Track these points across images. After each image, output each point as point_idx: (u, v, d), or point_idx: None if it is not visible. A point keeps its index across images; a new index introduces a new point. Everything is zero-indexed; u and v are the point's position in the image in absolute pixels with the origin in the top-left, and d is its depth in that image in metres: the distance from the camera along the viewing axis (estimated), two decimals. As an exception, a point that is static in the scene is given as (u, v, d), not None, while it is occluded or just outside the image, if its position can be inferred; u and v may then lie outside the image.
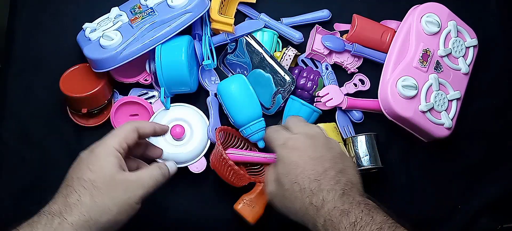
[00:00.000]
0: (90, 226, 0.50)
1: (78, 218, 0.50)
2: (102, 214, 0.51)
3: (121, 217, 0.53)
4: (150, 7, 0.78)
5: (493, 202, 0.80)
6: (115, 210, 0.52)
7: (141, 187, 0.55)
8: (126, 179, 0.54)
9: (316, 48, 0.82)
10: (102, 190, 0.52)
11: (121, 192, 0.53)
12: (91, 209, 0.51)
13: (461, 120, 0.79)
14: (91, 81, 0.76)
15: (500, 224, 0.79)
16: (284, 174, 0.59)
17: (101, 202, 0.51)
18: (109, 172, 0.53)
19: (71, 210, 0.50)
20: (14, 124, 0.80)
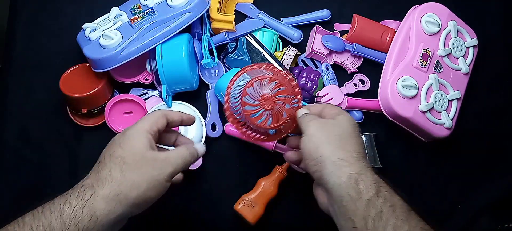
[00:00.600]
0: (120, 200, 0.52)
1: (109, 191, 0.51)
2: (132, 188, 0.52)
3: (150, 193, 0.54)
4: (150, 7, 0.78)
5: (493, 202, 0.80)
6: (144, 186, 0.53)
7: (169, 165, 0.55)
8: (155, 156, 0.55)
9: (316, 48, 0.82)
10: (131, 165, 0.53)
11: (150, 168, 0.54)
12: (121, 183, 0.52)
13: (461, 120, 0.79)
14: (91, 81, 0.76)
15: (500, 224, 0.79)
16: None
17: (130, 177, 0.53)
18: (139, 149, 0.54)
19: (103, 184, 0.52)
20: (14, 124, 0.80)
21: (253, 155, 0.79)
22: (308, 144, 0.59)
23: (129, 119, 0.79)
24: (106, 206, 0.51)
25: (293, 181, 0.78)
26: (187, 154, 0.59)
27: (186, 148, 0.60)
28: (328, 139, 0.58)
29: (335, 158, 0.56)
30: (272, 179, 0.75)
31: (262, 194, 0.74)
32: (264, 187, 0.74)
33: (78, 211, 0.50)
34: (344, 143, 0.58)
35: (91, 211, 0.50)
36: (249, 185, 0.75)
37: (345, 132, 0.59)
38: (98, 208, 0.50)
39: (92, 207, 0.50)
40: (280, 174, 0.75)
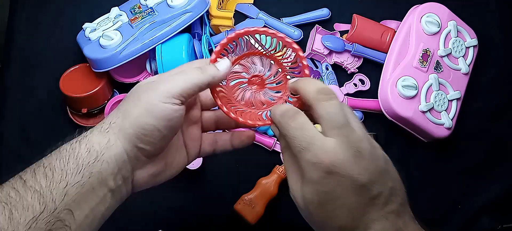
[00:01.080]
0: (115, 132, 0.44)
1: (105, 124, 0.45)
2: (124, 117, 0.45)
3: (147, 120, 0.44)
4: (150, 7, 0.78)
5: (493, 201, 0.80)
6: (136, 112, 0.44)
7: (169, 82, 0.45)
8: (155, 83, 0.45)
9: (316, 48, 0.82)
10: (129, 97, 0.46)
11: (145, 94, 0.45)
12: (115, 115, 0.45)
13: (461, 120, 0.79)
14: (91, 81, 0.76)
15: (500, 223, 0.79)
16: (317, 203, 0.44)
17: (123, 107, 0.45)
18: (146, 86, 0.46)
19: (101, 123, 0.46)
20: (14, 124, 0.80)
21: (253, 155, 0.79)
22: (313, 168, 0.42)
23: (129, 118, 0.78)
24: (102, 139, 0.44)
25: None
26: (197, 71, 0.46)
27: (196, 68, 0.46)
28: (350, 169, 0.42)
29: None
30: (272, 179, 0.75)
31: (262, 194, 0.74)
32: (264, 187, 0.74)
33: (76, 147, 0.44)
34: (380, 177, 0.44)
35: (88, 145, 0.44)
36: (249, 185, 0.75)
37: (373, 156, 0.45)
38: (97, 142, 0.44)
39: (88, 141, 0.44)
40: (280, 174, 0.75)
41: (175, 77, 0.46)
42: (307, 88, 0.45)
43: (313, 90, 0.44)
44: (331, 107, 0.43)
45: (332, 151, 0.41)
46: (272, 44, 0.51)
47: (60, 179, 0.43)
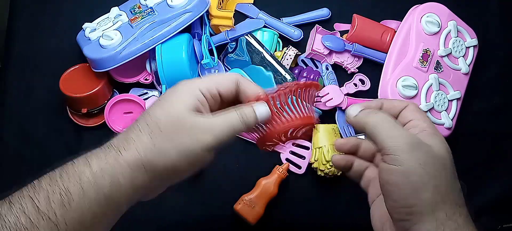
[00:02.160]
0: (145, 168, 0.43)
1: (133, 156, 0.42)
2: (159, 156, 0.43)
3: (181, 165, 0.43)
4: (150, 7, 0.78)
5: (493, 202, 0.80)
6: (173, 155, 0.43)
7: (210, 133, 0.43)
8: (195, 122, 0.44)
9: (316, 48, 0.82)
10: (164, 131, 0.43)
11: (186, 137, 0.43)
12: (147, 149, 0.43)
13: (461, 120, 0.79)
14: (91, 81, 0.76)
15: (500, 224, 0.79)
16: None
17: (160, 145, 0.43)
18: (179, 112, 0.44)
19: (129, 146, 0.43)
20: (14, 124, 0.80)
21: (253, 155, 0.79)
22: (404, 181, 0.41)
23: (129, 119, 0.79)
24: (130, 173, 0.42)
25: (293, 181, 0.78)
26: (237, 120, 0.45)
27: (239, 113, 0.45)
28: (435, 183, 0.41)
29: (442, 215, 0.40)
30: (272, 179, 0.75)
31: (262, 194, 0.74)
32: (264, 187, 0.74)
33: (99, 176, 0.41)
34: (452, 192, 0.43)
35: (113, 177, 0.42)
36: (249, 185, 0.75)
37: (451, 172, 0.44)
38: (121, 173, 0.42)
39: (114, 172, 0.42)
40: (280, 174, 0.75)
41: (221, 128, 0.45)
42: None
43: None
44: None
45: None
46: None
47: (77, 207, 0.41)
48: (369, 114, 0.46)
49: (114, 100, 0.77)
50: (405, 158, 0.41)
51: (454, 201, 0.42)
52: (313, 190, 0.78)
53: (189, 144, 0.43)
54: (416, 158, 0.41)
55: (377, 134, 0.43)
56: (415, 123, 0.46)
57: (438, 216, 0.40)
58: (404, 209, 0.41)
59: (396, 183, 0.41)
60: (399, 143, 0.42)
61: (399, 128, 0.44)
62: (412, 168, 0.41)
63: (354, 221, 0.72)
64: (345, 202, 0.80)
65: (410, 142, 0.42)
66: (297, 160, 0.79)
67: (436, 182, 0.41)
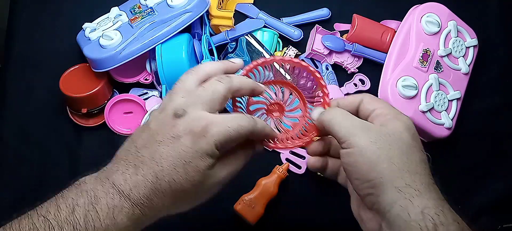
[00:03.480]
0: (160, 207, 0.44)
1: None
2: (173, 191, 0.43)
3: (195, 199, 0.46)
4: (149, 7, 0.78)
5: (493, 202, 0.80)
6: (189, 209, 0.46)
7: (221, 186, 0.47)
8: (212, 184, 0.46)
9: (316, 48, 0.82)
10: (188, 195, 0.45)
11: (203, 195, 0.47)
12: (169, 209, 0.46)
13: (461, 120, 0.79)
14: (91, 81, 0.76)
15: (500, 224, 0.79)
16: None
17: (180, 204, 0.46)
18: (202, 178, 0.45)
19: (152, 204, 0.44)
20: (14, 124, 0.80)
21: (253, 155, 0.79)
22: (360, 160, 0.44)
23: (129, 119, 0.79)
24: (133, 210, 0.43)
25: (293, 181, 0.78)
26: (245, 120, 0.45)
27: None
28: (388, 155, 0.44)
29: (400, 183, 0.43)
30: (272, 179, 0.75)
31: (262, 194, 0.74)
32: (264, 187, 0.74)
33: (103, 217, 0.41)
34: (409, 162, 0.45)
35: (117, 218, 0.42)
36: (249, 185, 0.75)
37: (406, 145, 0.46)
38: (125, 214, 0.42)
39: (116, 214, 0.42)
40: (280, 174, 0.75)
41: (228, 172, 0.48)
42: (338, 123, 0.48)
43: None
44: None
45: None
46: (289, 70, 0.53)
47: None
48: (325, 113, 0.50)
49: (114, 100, 0.77)
50: (358, 140, 0.45)
51: (414, 170, 0.44)
52: (313, 190, 0.78)
53: (204, 199, 0.48)
54: (366, 137, 0.45)
55: (332, 127, 0.47)
56: (379, 111, 0.49)
57: (397, 184, 0.43)
58: (366, 184, 0.44)
59: (354, 163, 0.45)
60: (350, 128, 0.46)
61: (349, 117, 0.48)
62: (365, 145, 0.44)
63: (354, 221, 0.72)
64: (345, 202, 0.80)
65: (359, 126, 0.46)
66: (297, 160, 0.79)
67: (389, 154, 0.44)
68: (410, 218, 0.42)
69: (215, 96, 0.46)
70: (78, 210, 0.40)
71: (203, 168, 0.44)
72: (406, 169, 0.44)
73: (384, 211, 0.44)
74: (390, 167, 0.44)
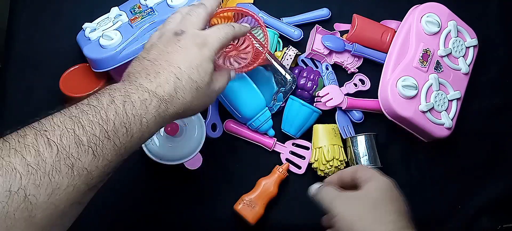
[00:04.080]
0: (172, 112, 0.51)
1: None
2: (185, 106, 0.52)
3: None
4: (149, 7, 0.78)
5: (493, 202, 0.80)
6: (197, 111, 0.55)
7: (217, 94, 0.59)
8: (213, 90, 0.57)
9: (316, 48, 0.82)
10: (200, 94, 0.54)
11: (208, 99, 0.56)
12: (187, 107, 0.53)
13: (461, 120, 0.79)
14: (91, 81, 0.76)
15: (500, 224, 0.79)
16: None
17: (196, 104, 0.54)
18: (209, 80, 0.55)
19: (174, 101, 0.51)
20: (14, 124, 0.80)
21: (253, 155, 0.79)
22: (340, 225, 0.54)
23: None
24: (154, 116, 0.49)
25: (293, 181, 0.78)
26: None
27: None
28: (360, 216, 0.53)
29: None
30: (272, 179, 0.75)
31: (262, 194, 0.74)
32: (264, 187, 0.74)
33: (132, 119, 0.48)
34: (379, 215, 0.53)
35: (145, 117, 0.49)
36: (249, 185, 0.75)
37: (377, 201, 0.54)
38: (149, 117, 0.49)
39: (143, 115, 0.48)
40: (280, 174, 0.75)
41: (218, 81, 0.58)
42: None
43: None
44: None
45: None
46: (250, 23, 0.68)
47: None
48: (318, 191, 0.60)
49: (114, 100, 0.77)
50: (338, 210, 0.55)
51: (385, 220, 0.53)
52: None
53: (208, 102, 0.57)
54: (342, 207, 0.55)
55: (323, 204, 0.58)
56: (363, 178, 0.58)
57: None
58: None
59: (339, 228, 0.54)
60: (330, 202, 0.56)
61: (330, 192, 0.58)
62: (341, 214, 0.54)
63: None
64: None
65: (338, 197, 0.57)
66: (297, 160, 0.79)
67: (360, 214, 0.54)
68: None
69: (200, 17, 0.57)
70: (116, 100, 0.47)
71: (210, 70, 0.54)
72: (377, 221, 0.53)
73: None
74: (362, 224, 0.53)
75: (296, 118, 0.77)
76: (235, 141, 0.80)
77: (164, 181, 0.77)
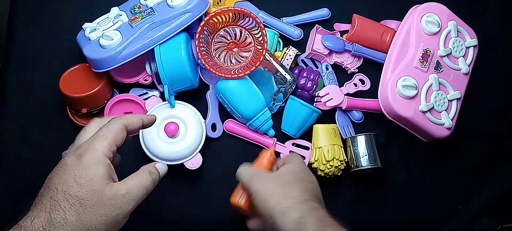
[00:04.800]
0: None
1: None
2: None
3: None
4: (150, 7, 0.78)
5: (493, 202, 0.80)
6: (101, 228, 0.49)
7: (131, 201, 0.51)
8: (115, 194, 0.50)
9: (316, 48, 0.82)
10: (89, 208, 0.48)
11: (109, 209, 0.49)
12: (76, 229, 0.47)
13: (461, 120, 0.79)
14: (91, 81, 0.76)
15: (500, 224, 0.79)
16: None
17: (87, 221, 0.48)
18: (97, 186, 0.49)
19: (56, 229, 0.47)
20: (14, 124, 0.80)
21: (253, 154, 0.79)
22: (257, 201, 0.61)
23: (129, 118, 0.78)
24: None
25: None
26: (149, 182, 0.54)
27: (148, 172, 0.54)
28: (271, 191, 0.60)
29: (280, 208, 0.58)
30: (263, 162, 0.71)
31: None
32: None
33: None
34: (287, 191, 0.61)
35: None
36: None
37: (287, 180, 0.62)
38: None
39: None
40: (270, 158, 0.71)
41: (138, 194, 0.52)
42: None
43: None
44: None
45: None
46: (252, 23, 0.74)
47: None
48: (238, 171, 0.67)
49: (114, 100, 0.77)
50: (254, 188, 0.62)
51: (293, 196, 0.60)
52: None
53: (114, 215, 0.50)
54: (258, 184, 0.62)
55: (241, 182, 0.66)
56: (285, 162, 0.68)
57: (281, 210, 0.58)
58: (266, 216, 0.60)
59: (255, 204, 0.62)
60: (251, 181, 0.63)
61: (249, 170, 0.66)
62: (257, 190, 0.62)
63: (355, 221, 0.72)
64: (345, 202, 0.80)
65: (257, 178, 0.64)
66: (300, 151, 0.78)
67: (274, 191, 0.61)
68: (288, 227, 0.56)
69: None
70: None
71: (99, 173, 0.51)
72: (285, 197, 0.60)
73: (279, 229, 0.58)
74: (274, 200, 0.59)
75: (296, 118, 0.77)
76: (235, 141, 0.80)
77: (164, 181, 0.77)
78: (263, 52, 0.74)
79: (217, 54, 0.77)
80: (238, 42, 0.76)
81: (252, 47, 0.76)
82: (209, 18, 0.73)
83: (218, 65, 0.76)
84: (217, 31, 0.76)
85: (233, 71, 0.75)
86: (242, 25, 0.76)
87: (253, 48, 0.76)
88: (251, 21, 0.74)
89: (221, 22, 0.75)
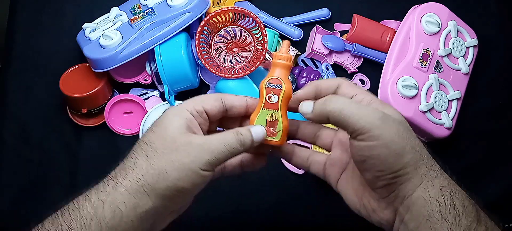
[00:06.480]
0: (147, 192, 0.44)
1: (132, 182, 0.44)
2: (159, 178, 0.44)
3: (183, 184, 0.44)
4: (150, 7, 0.78)
5: (493, 201, 0.80)
6: (174, 175, 0.44)
7: (207, 151, 0.45)
8: (189, 141, 0.45)
9: (316, 48, 0.82)
10: (159, 151, 0.45)
11: (182, 154, 0.44)
12: (146, 173, 0.44)
13: (461, 120, 0.79)
14: (91, 81, 0.76)
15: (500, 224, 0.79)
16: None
17: (157, 165, 0.44)
18: (171, 132, 0.45)
19: (126, 174, 0.44)
20: (14, 124, 0.80)
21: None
22: (385, 153, 0.44)
23: (129, 119, 0.79)
24: (130, 199, 0.43)
25: (293, 181, 0.78)
26: (234, 139, 0.47)
27: (234, 132, 0.47)
28: (410, 144, 0.45)
29: (424, 169, 0.46)
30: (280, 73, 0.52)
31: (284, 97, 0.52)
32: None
33: (99, 207, 0.43)
34: (420, 146, 0.47)
35: (113, 206, 0.43)
36: (250, 185, 0.75)
37: (411, 129, 0.47)
38: (121, 202, 0.43)
39: (113, 201, 0.43)
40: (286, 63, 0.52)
41: (217, 147, 0.46)
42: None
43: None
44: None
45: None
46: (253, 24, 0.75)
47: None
48: (327, 102, 0.47)
49: (114, 100, 0.77)
50: (382, 132, 0.44)
51: (427, 155, 0.47)
52: (313, 190, 0.78)
53: (188, 162, 0.44)
54: (389, 129, 0.44)
55: (346, 118, 0.44)
56: (359, 97, 0.48)
57: (420, 170, 0.45)
58: (390, 175, 0.45)
59: (379, 156, 0.44)
60: (371, 120, 0.44)
61: (363, 106, 0.46)
62: (390, 138, 0.44)
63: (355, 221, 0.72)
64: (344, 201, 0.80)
65: (379, 117, 0.44)
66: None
67: (411, 143, 0.45)
68: (430, 197, 0.45)
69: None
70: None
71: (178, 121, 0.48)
72: (424, 154, 0.46)
73: (405, 196, 0.45)
74: (415, 156, 0.45)
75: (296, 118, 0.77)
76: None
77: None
78: (263, 52, 0.74)
79: (217, 54, 0.77)
80: (238, 42, 0.77)
81: (252, 47, 0.77)
82: (209, 18, 0.73)
83: (218, 65, 0.76)
84: (217, 31, 0.76)
85: (233, 71, 0.75)
86: (242, 25, 0.76)
87: (253, 48, 0.76)
88: (251, 21, 0.74)
89: (221, 22, 0.75)
